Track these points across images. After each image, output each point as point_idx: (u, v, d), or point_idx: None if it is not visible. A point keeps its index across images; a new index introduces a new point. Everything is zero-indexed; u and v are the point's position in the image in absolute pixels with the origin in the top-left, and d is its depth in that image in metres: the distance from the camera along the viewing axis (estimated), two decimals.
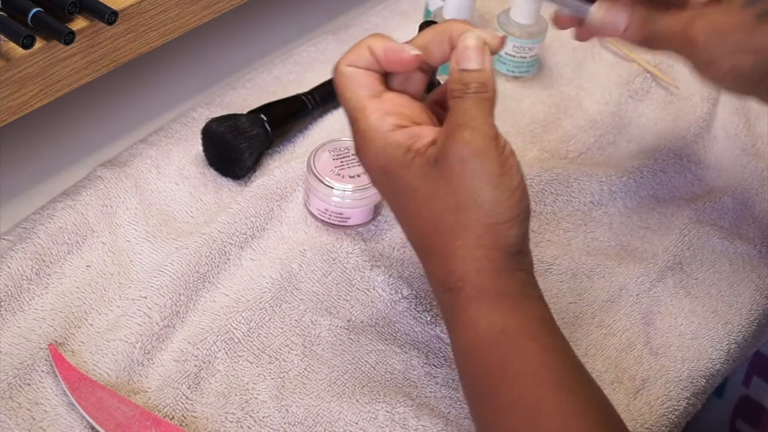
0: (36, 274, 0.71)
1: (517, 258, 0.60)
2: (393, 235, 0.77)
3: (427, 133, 0.61)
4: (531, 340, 0.59)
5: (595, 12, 0.68)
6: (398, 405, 0.67)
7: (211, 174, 0.81)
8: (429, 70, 0.64)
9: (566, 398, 0.57)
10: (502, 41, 0.63)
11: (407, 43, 0.63)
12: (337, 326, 0.71)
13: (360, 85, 0.63)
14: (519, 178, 0.60)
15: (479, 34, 0.62)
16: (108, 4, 0.69)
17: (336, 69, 0.63)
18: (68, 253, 0.73)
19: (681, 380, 0.71)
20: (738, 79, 0.67)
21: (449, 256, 0.60)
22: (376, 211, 0.78)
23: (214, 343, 0.69)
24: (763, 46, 0.64)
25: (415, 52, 0.62)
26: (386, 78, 0.64)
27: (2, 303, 0.69)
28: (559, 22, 0.73)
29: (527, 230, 0.61)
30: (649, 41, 0.68)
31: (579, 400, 0.57)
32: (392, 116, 0.62)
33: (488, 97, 0.61)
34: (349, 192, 0.75)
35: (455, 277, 0.60)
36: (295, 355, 0.69)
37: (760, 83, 0.67)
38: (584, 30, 0.72)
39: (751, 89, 0.68)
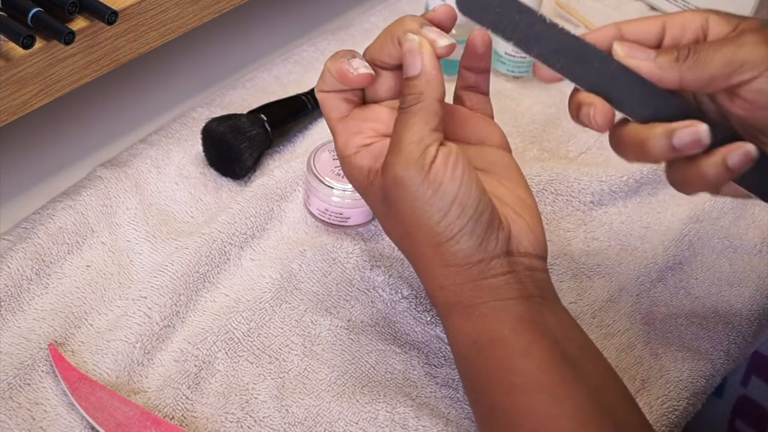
0: (36, 274, 0.71)
1: (480, 266, 0.59)
2: None
3: (384, 149, 0.61)
4: (501, 347, 0.59)
5: (619, 46, 0.59)
6: (398, 405, 0.67)
7: (211, 174, 0.81)
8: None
9: (539, 401, 0.57)
10: (450, 47, 0.60)
11: (367, 49, 0.62)
12: (337, 326, 0.71)
13: (329, 109, 0.63)
14: (453, 192, 0.58)
15: (416, 34, 0.59)
16: (108, 4, 0.68)
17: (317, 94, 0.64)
18: (68, 253, 0.73)
19: (681, 380, 0.71)
20: None
21: (420, 275, 0.62)
22: None
23: (214, 343, 0.69)
24: None
25: (360, 71, 0.61)
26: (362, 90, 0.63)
27: (2, 303, 0.69)
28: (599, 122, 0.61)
29: (490, 235, 0.59)
30: (689, 71, 0.57)
31: (555, 398, 0.57)
32: (357, 136, 0.62)
33: (422, 108, 0.59)
34: (349, 192, 0.75)
35: (429, 295, 0.62)
36: (295, 355, 0.70)
37: None
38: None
39: None
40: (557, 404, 0.57)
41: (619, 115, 0.60)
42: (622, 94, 0.59)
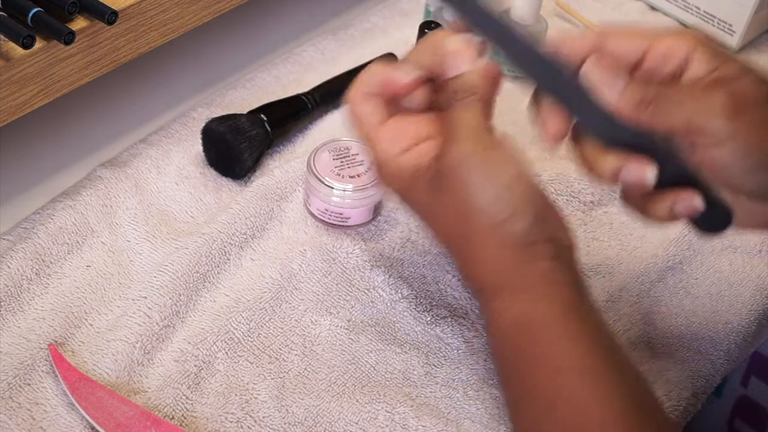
0: (36, 274, 0.71)
1: (534, 248, 0.60)
2: (393, 235, 0.77)
3: (431, 148, 0.62)
4: (549, 330, 0.60)
5: (590, 66, 0.60)
6: (398, 405, 0.67)
7: (211, 174, 0.81)
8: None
9: (584, 386, 0.58)
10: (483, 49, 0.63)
11: (404, 61, 0.64)
12: (337, 326, 0.71)
13: (368, 114, 0.64)
14: (512, 172, 0.60)
15: (458, 37, 0.62)
16: (108, 4, 0.69)
17: (347, 103, 0.65)
18: (68, 253, 0.73)
19: (681, 380, 0.71)
20: (758, 162, 0.59)
21: (466, 260, 0.63)
22: (376, 211, 0.78)
23: (214, 343, 0.69)
24: None
25: (413, 75, 0.63)
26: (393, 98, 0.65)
27: (2, 303, 0.69)
28: (551, 132, 0.63)
29: (543, 218, 0.61)
30: (652, 109, 0.59)
31: (599, 387, 0.58)
32: (400, 140, 0.64)
33: (474, 100, 0.62)
34: (349, 192, 0.75)
35: (475, 279, 0.63)
36: (295, 355, 0.70)
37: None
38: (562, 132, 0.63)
39: (760, 184, 0.60)
40: (598, 388, 0.58)
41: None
42: (584, 112, 0.61)
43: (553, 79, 0.61)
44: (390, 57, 0.91)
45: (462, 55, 0.62)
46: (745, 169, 0.59)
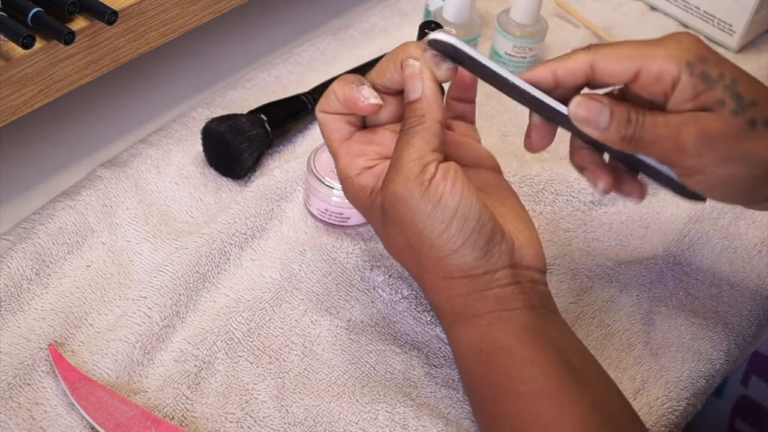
0: (36, 274, 0.71)
1: (486, 278, 0.61)
2: None
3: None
4: (507, 355, 0.60)
5: (575, 108, 0.61)
6: (398, 405, 0.67)
7: (211, 174, 0.81)
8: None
9: (546, 408, 0.58)
10: (450, 71, 0.62)
11: (369, 74, 0.64)
12: (337, 326, 0.71)
13: (331, 130, 0.65)
14: (454, 205, 0.59)
15: (417, 60, 0.61)
16: (108, 4, 0.69)
17: (316, 114, 0.66)
18: (68, 253, 0.73)
19: (681, 380, 0.71)
20: (728, 189, 0.62)
21: (423, 287, 0.63)
22: None
23: (214, 343, 0.69)
24: (756, 155, 0.59)
25: (370, 101, 0.63)
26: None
27: (2, 303, 0.69)
28: (533, 144, 0.66)
29: (492, 247, 0.61)
30: (632, 144, 0.61)
31: (565, 409, 0.58)
32: (360, 158, 0.64)
33: (422, 128, 0.61)
34: None
35: (433, 306, 0.63)
36: (295, 355, 0.70)
37: (749, 193, 0.62)
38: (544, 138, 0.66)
39: (739, 199, 0.64)
40: (562, 412, 0.58)
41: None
42: (573, 130, 0.64)
43: (540, 108, 0.63)
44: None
45: (414, 79, 0.61)
46: (724, 194, 0.62)
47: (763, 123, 0.59)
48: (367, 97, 0.63)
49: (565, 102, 0.62)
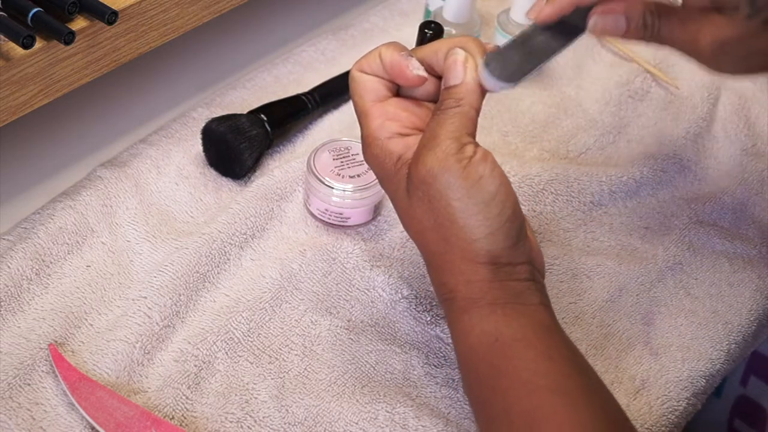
0: (36, 274, 0.71)
1: (508, 269, 0.60)
2: (393, 235, 0.77)
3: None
4: (525, 347, 0.59)
5: (593, 25, 0.66)
6: (398, 405, 0.67)
7: (211, 174, 0.81)
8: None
9: (561, 405, 0.57)
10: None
11: (419, 49, 0.64)
12: (337, 326, 0.71)
13: (366, 90, 0.63)
14: (494, 189, 0.59)
15: (463, 50, 0.62)
16: (108, 4, 0.68)
17: (350, 73, 0.64)
18: (68, 253, 0.73)
19: (681, 380, 0.71)
20: (741, 74, 0.68)
21: (440, 268, 0.62)
22: (376, 211, 0.78)
23: (214, 343, 0.69)
24: None
25: (418, 72, 0.62)
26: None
27: (2, 303, 0.69)
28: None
29: (520, 239, 0.60)
30: (653, 40, 0.66)
31: (575, 406, 0.57)
32: (394, 123, 0.62)
33: (460, 111, 0.60)
34: (349, 192, 0.75)
35: (447, 289, 0.61)
36: (295, 355, 0.70)
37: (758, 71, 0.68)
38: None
39: (756, 73, 0.69)
40: (578, 411, 0.57)
41: None
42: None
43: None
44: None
45: (457, 65, 0.62)
46: (735, 75, 0.71)
47: None
48: (416, 67, 0.62)
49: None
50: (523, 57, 0.63)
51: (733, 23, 0.62)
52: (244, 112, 0.81)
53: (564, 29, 0.65)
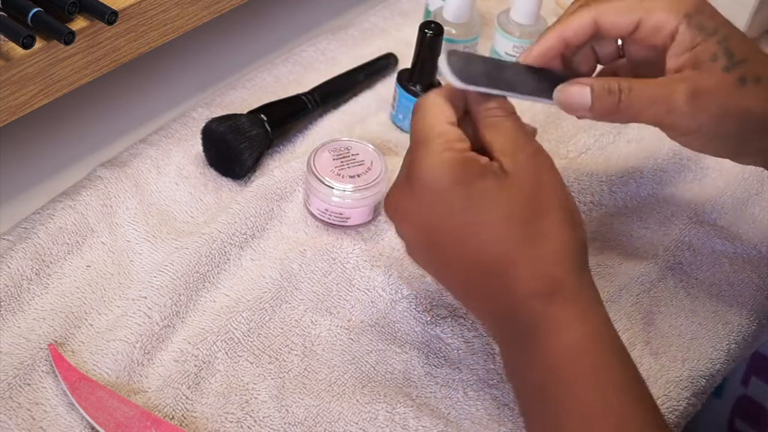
0: (36, 274, 0.71)
1: (585, 257, 0.61)
2: (393, 235, 0.77)
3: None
4: (599, 341, 0.59)
5: (557, 96, 0.64)
6: (398, 405, 0.67)
7: (211, 174, 0.81)
8: None
9: (622, 399, 0.57)
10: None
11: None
12: (337, 326, 0.71)
13: (443, 112, 0.63)
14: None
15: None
16: (108, 4, 0.69)
17: (425, 96, 0.64)
18: (68, 253, 0.73)
19: (681, 380, 0.71)
20: (720, 145, 0.65)
21: (537, 260, 0.59)
22: (376, 211, 0.78)
23: (214, 343, 0.69)
24: (747, 108, 0.62)
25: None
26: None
27: (2, 303, 0.69)
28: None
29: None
30: (623, 113, 0.63)
31: (634, 400, 0.57)
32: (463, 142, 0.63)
33: (513, 116, 0.63)
34: (349, 192, 0.75)
35: (549, 280, 0.59)
36: (295, 355, 0.70)
37: (739, 147, 0.66)
38: None
39: (729, 153, 0.67)
40: (637, 405, 0.57)
41: None
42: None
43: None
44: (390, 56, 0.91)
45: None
46: (716, 149, 0.66)
47: (752, 80, 0.62)
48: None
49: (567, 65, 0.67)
50: (484, 73, 0.63)
51: (710, 75, 0.62)
52: (244, 112, 0.81)
53: (540, 84, 0.64)
